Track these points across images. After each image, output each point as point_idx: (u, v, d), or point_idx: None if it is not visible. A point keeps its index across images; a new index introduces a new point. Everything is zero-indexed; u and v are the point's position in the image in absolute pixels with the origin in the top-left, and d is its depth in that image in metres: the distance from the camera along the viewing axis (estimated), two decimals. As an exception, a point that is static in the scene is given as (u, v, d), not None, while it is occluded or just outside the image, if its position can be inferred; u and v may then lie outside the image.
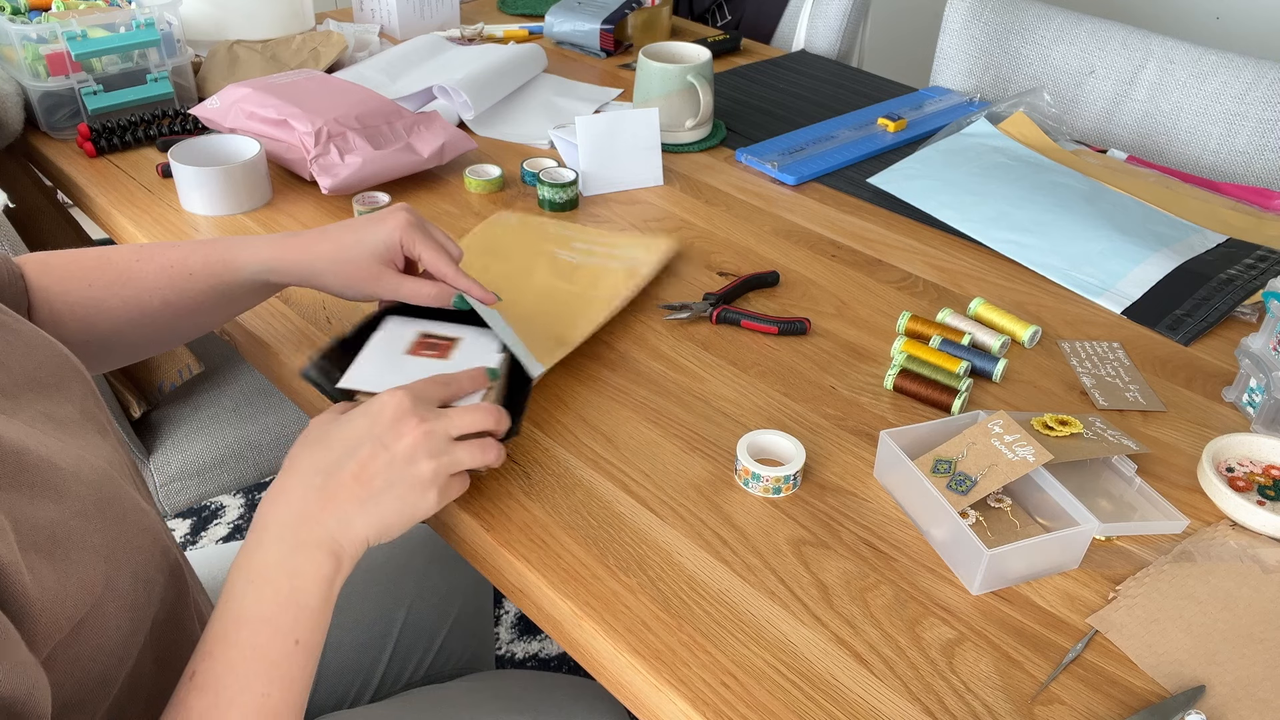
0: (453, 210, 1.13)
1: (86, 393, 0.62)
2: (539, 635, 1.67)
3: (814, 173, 1.23)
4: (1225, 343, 0.95)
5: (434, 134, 1.17)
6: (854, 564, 0.69)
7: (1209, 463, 0.76)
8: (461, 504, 0.73)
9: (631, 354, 0.90)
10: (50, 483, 0.50)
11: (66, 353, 0.63)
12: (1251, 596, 0.68)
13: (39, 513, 0.48)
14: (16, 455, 0.49)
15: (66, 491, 0.51)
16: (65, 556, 0.48)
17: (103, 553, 0.51)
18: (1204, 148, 1.37)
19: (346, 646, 0.93)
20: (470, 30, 1.63)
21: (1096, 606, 0.67)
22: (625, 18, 1.61)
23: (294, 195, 1.15)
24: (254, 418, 1.28)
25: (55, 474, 0.51)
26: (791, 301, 0.99)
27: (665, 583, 0.67)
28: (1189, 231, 1.11)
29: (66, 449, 0.54)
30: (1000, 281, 1.03)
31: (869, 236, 1.11)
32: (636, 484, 0.76)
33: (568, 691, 0.89)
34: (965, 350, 0.88)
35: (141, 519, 0.56)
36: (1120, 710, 0.60)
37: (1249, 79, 1.31)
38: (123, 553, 0.52)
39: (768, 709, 0.60)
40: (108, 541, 0.52)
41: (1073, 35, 1.47)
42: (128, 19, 1.26)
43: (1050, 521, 0.72)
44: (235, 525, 1.87)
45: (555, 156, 1.26)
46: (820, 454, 0.79)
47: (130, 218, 1.09)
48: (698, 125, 1.29)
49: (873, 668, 0.62)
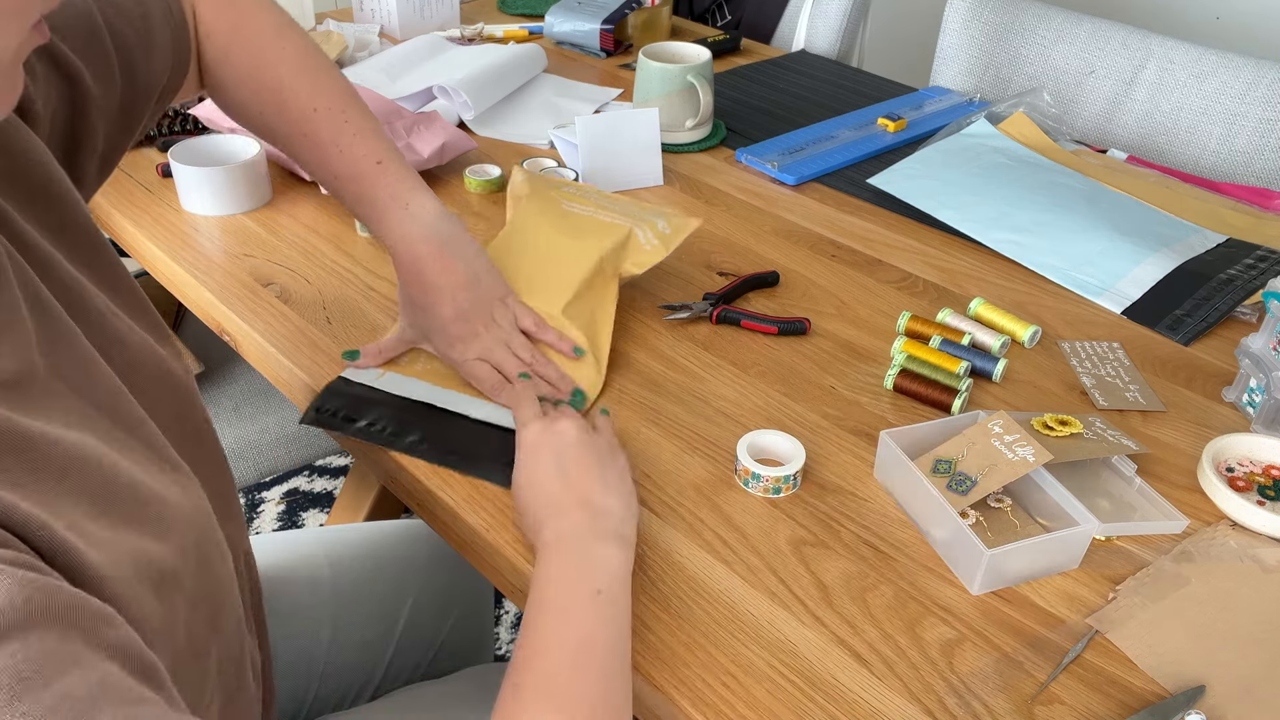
0: (453, 210, 1.13)
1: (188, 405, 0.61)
2: (539, 635, 1.66)
3: (814, 173, 1.23)
4: (1225, 343, 0.95)
5: (434, 134, 1.17)
6: (854, 564, 0.69)
7: (1209, 463, 0.76)
8: (462, 504, 0.73)
9: (631, 354, 0.90)
10: (160, 518, 0.49)
11: (168, 365, 0.61)
12: (1251, 596, 0.68)
13: (149, 548, 0.47)
14: (132, 489, 0.48)
15: (172, 528, 0.50)
16: (168, 597, 0.47)
17: (188, 594, 0.50)
18: (1204, 148, 1.37)
19: (349, 645, 0.93)
20: (470, 30, 1.63)
21: (1096, 606, 0.67)
22: (625, 18, 1.61)
23: (294, 195, 1.15)
24: (254, 418, 1.28)
25: (164, 509, 0.50)
26: (791, 301, 0.99)
27: (665, 583, 0.67)
28: (1189, 231, 1.11)
29: (171, 484, 0.52)
30: (1000, 281, 1.03)
31: (869, 236, 1.11)
32: (636, 484, 0.76)
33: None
34: (965, 350, 0.88)
35: (223, 568, 0.55)
36: (1120, 710, 0.60)
37: (1249, 79, 1.31)
38: (201, 596, 0.52)
39: (768, 709, 0.60)
40: (194, 584, 0.51)
41: (1073, 35, 1.47)
42: (128, 19, 1.25)
43: (1050, 521, 0.72)
44: (235, 525, 1.87)
45: (555, 156, 1.26)
46: (820, 454, 0.79)
47: (130, 218, 1.09)
48: (698, 125, 1.29)
49: (873, 668, 0.62)
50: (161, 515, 0.49)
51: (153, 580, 0.46)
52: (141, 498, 0.48)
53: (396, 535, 1.02)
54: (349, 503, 1.53)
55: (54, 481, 0.43)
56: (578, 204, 0.97)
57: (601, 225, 0.94)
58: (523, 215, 0.95)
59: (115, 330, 0.56)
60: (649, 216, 0.96)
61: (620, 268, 0.92)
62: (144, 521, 0.48)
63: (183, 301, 1.04)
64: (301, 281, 0.99)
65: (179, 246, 1.04)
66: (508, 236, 0.93)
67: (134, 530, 0.47)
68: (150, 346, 0.59)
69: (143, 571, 0.46)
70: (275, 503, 1.91)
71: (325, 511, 1.89)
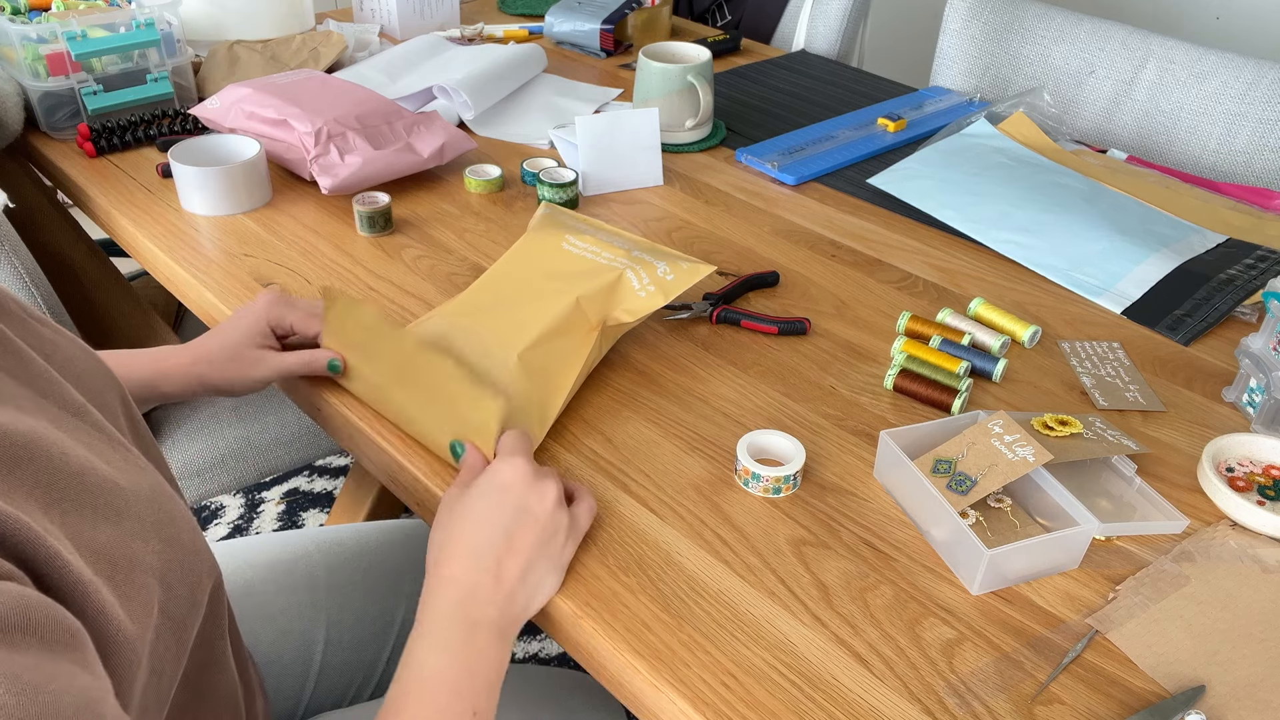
0: (452, 210, 1.13)
1: (126, 400, 0.61)
2: (539, 635, 1.67)
3: (814, 173, 1.23)
4: (1225, 343, 0.95)
5: (434, 134, 1.17)
6: (854, 564, 0.69)
7: (1209, 463, 0.76)
8: (461, 504, 0.73)
9: (631, 354, 0.90)
10: (112, 504, 0.49)
11: (100, 358, 0.61)
12: (1251, 596, 0.68)
13: (98, 535, 0.47)
14: (79, 476, 0.48)
15: (126, 512, 0.49)
16: (127, 580, 0.47)
17: (157, 574, 0.49)
18: (1204, 148, 1.37)
19: (347, 644, 0.93)
20: (470, 30, 1.63)
21: (1096, 606, 0.67)
22: (625, 18, 1.61)
23: (294, 195, 1.15)
24: (254, 418, 1.28)
25: (116, 494, 0.49)
26: (791, 301, 0.99)
27: (665, 583, 0.67)
28: (1189, 231, 1.11)
29: (126, 465, 0.52)
30: (1000, 281, 1.03)
31: (869, 236, 1.11)
32: (636, 484, 0.76)
33: (566, 687, 0.89)
34: (965, 350, 0.88)
35: (195, 539, 0.55)
36: (1120, 710, 0.60)
37: (1249, 79, 1.31)
38: (175, 574, 0.51)
39: (768, 709, 0.60)
40: (163, 563, 0.50)
41: (1073, 35, 1.47)
42: (128, 19, 1.26)
43: (1050, 521, 0.72)
44: (235, 525, 1.87)
45: (555, 156, 1.26)
46: (820, 454, 0.79)
47: (130, 218, 1.09)
48: (698, 125, 1.29)
49: (873, 668, 0.62)
50: (112, 501, 0.49)
51: (106, 569, 0.46)
52: (89, 485, 0.48)
53: (394, 535, 1.02)
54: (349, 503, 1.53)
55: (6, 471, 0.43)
56: (583, 242, 0.91)
57: (591, 267, 0.87)
58: (514, 250, 0.92)
59: (41, 333, 0.57)
60: (652, 259, 0.88)
61: (608, 314, 0.84)
62: (92, 508, 0.47)
63: (183, 301, 1.04)
64: (301, 281, 0.99)
65: (179, 246, 1.04)
66: (495, 270, 0.91)
67: (84, 517, 0.46)
68: (80, 344, 0.60)
69: (88, 562, 0.45)
70: (275, 503, 1.91)
71: (325, 511, 1.89)
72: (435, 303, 0.96)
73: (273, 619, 0.90)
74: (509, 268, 0.91)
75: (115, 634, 0.43)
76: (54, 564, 0.41)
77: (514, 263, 0.92)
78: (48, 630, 0.38)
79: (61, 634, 0.39)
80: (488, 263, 1.03)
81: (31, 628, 0.37)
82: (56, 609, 0.39)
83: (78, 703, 0.37)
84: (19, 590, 0.38)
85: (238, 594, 0.91)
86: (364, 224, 1.07)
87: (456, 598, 0.63)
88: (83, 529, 0.46)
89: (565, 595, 0.66)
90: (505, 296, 0.88)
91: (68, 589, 0.41)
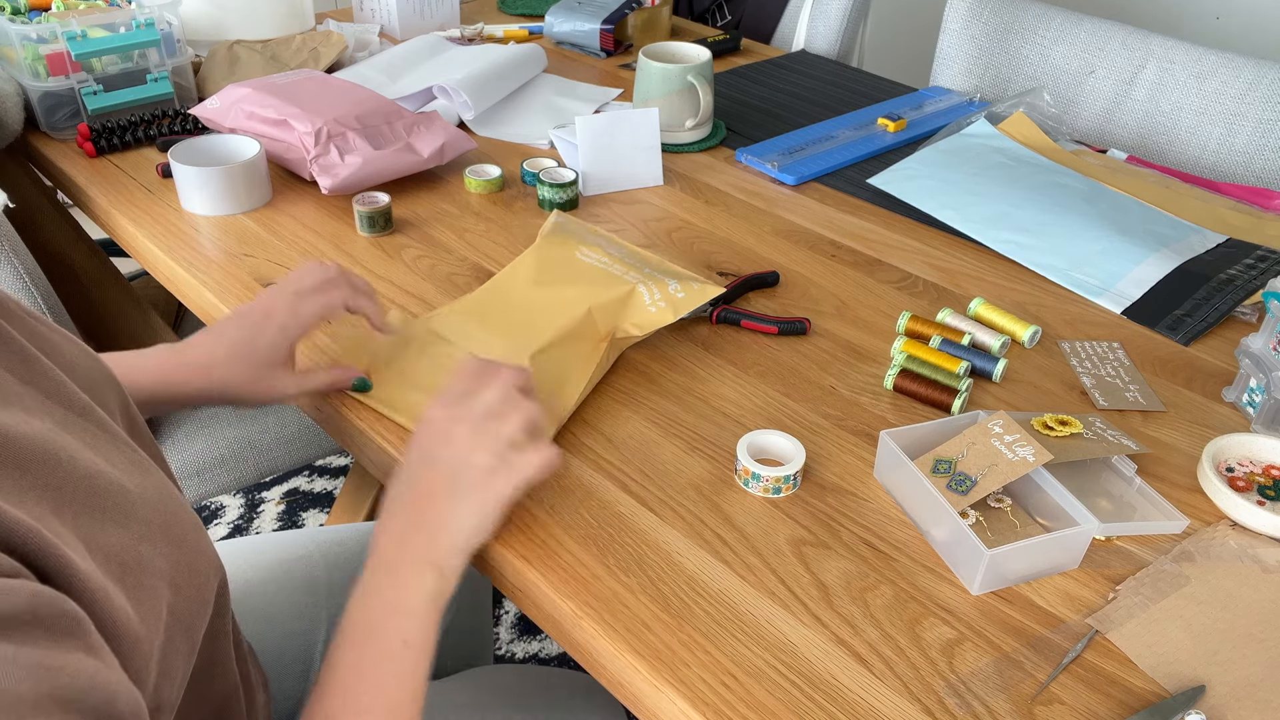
0: (452, 210, 1.13)
1: (125, 401, 0.61)
2: (539, 635, 1.67)
3: (814, 173, 1.23)
4: (1225, 343, 0.95)
5: (434, 134, 1.17)
6: (854, 564, 0.69)
7: (1209, 463, 0.76)
8: (461, 504, 0.73)
9: (631, 354, 0.90)
10: (120, 506, 0.48)
11: (98, 358, 0.61)
12: (1251, 596, 0.68)
13: (108, 538, 0.46)
14: (88, 479, 0.47)
15: (134, 515, 0.49)
16: (137, 583, 0.47)
17: (166, 576, 0.49)
18: (1204, 148, 1.37)
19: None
20: (470, 30, 1.63)
21: (1096, 606, 0.67)
22: (625, 18, 1.61)
23: (294, 195, 1.15)
24: (254, 418, 1.28)
25: (124, 497, 0.49)
26: (791, 301, 0.99)
27: (665, 583, 0.67)
28: (1189, 231, 1.11)
29: (132, 466, 0.52)
30: (1000, 281, 1.03)
31: (869, 236, 1.11)
32: (636, 484, 0.76)
33: (567, 687, 0.89)
34: (965, 350, 0.88)
35: (199, 539, 0.55)
36: (1120, 710, 0.60)
37: (1249, 79, 1.31)
38: (183, 575, 0.51)
39: (768, 709, 0.60)
40: (171, 565, 0.50)
41: (1073, 35, 1.47)
42: (128, 19, 1.26)
43: (1050, 521, 0.72)
44: (235, 525, 1.87)
45: (555, 156, 1.26)
46: (820, 454, 0.79)
47: (130, 218, 1.09)
48: (698, 125, 1.29)
49: (873, 668, 0.62)
50: (120, 504, 0.49)
51: (117, 572, 0.46)
52: (98, 488, 0.48)
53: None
54: (349, 503, 1.54)
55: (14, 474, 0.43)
56: (595, 254, 0.93)
57: (604, 277, 0.90)
58: (526, 256, 0.94)
59: (42, 333, 0.57)
60: (663, 276, 0.90)
61: (618, 326, 0.86)
62: (101, 511, 0.47)
63: (183, 301, 1.04)
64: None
65: (179, 246, 1.04)
66: (503, 275, 0.93)
67: (94, 520, 0.46)
68: (80, 344, 0.60)
69: (100, 565, 0.45)
70: (275, 503, 1.91)
71: (325, 511, 1.89)
72: (436, 303, 0.96)
73: (274, 619, 0.90)
74: (523, 271, 0.93)
75: (127, 638, 0.43)
76: (64, 572, 0.41)
77: (527, 267, 0.93)
78: (55, 621, 0.39)
79: (68, 623, 0.39)
80: (488, 263, 1.03)
81: (40, 621, 0.38)
82: (60, 599, 0.40)
83: (88, 685, 0.38)
84: (24, 585, 0.38)
85: (239, 594, 0.91)
86: (364, 224, 1.07)
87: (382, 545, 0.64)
88: (94, 532, 0.46)
89: (565, 595, 0.66)
90: (518, 299, 0.90)
91: (77, 594, 0.41)
